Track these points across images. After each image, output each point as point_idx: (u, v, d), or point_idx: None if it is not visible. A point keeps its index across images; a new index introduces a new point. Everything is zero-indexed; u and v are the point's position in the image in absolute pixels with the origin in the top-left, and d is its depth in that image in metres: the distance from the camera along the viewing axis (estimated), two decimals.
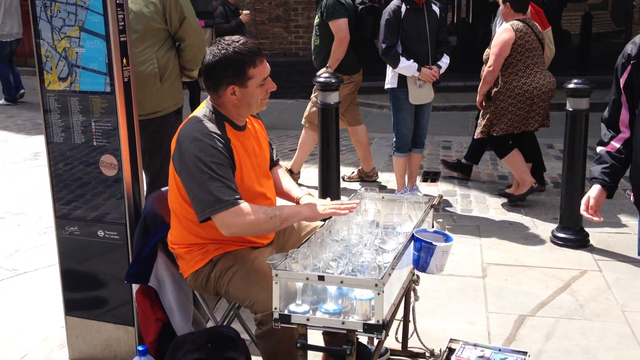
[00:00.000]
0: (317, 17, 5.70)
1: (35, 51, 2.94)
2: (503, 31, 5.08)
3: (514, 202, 5.39)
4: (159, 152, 3.69)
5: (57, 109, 2.97)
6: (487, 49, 5.25)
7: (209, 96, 2.69)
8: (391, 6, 5.09)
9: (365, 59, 5.81)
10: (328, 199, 2.81)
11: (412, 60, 5.02)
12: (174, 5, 3.56)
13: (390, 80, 5.23)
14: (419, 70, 5.03)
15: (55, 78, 2.93)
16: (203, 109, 2.68)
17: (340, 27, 5.46)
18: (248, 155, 2.70)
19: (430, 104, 5.31)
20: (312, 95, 5.79)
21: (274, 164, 2.99)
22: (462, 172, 6.16)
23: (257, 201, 2.67)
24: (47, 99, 2.98)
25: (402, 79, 5.13)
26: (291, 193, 2.92)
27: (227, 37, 2.61)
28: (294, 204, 2.75)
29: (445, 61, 5.20)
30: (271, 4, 10.36)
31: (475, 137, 5.56)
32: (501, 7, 5.29)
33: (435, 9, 5.19)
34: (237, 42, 2.57)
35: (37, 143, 7.65)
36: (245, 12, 8.13)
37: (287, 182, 2.98)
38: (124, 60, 2.87)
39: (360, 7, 5.59)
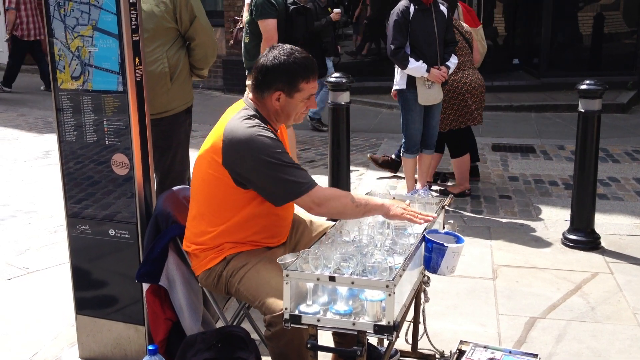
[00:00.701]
0: (247, 14, 5.70)
1: (48, 50, 2.96)
2: None
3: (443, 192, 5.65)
4: (169, 151, 3.70)
5: (69, 107, 2.99)
6: None
7: (247, 96, 2.75)
8: (399, 7, 5.07)
9: None
10: (407, 202, 2.85)
11: (421, 61, 5.01)
12: (184, 4, 3.57)
13: (398, 81, 5.21)
14: (428, 71, 5.02)
15: (68, 77, 2.94)
16: (244, 111, 2.67)
17: (267, 27, 5.37)
18: None
19: (440, 104, 5.29)
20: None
21: None
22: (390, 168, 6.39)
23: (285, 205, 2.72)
24: (59, 97, 2.99)
25: (411, 80, 5.11)
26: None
27: (287, 46, 2.67)
28: (374, 198, 2.75)
29: (453, 61, 5.18)
30: None
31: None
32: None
33: (443, 9, 5.17)
34: (299, 53, 2.64)
35: (48, 141, 7.69)
36: (336, 10, 7.60)
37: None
38: (137, 60, 2.87)
39: (292, 7, 5.52)
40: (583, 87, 4.48)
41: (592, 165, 4.55)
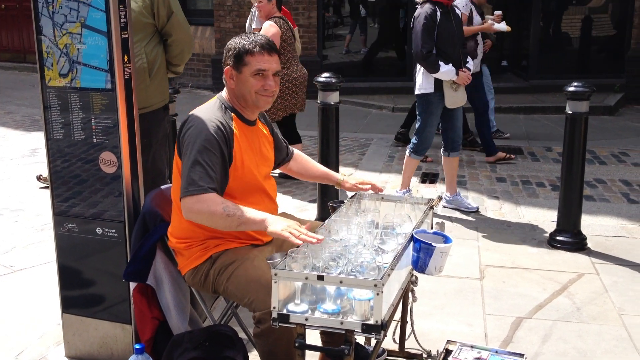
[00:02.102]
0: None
1: (36, 47, 2.94)
2: (270, 26, 5.75)
3: None
4: (149, 148, 3.67)
5: (57, 105, 2.97)
6: None
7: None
8: (427, 10, 5.00)
9: None
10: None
11: (450, 65, 4.98)
12: (161, 0, 3.57)
13: (424, 85, 5.13)
14: (457, 74, 5.01)
15: (56, 74, 2.93)
16: (216, 97, 2.78)
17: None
18: (253, 151, 2.72)
19: (462, 106, 5.27)
20: None
21: (290, 154, 3.14)
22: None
23: (256, 196, 2.72)
24: (47, 95, 2.98)
25: (437, 84, 5.06)
26: (330, 176, 3.12)
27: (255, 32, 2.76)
28: (259, 211, 2.58)
29: (471, 63, 5.20)
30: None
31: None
32: (263, 3, 5.92)
33: (458, 11, 5.19)
34: (249, 33, 2.76)
35: (35, 139, 7.64)
36: (497, 12, 7.05)
37: (319, 165, 3.20)
38: (125, 57, 2.86)
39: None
40: (571, 89, 4.50)
41: (579, 166, 4.58)
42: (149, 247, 2.83)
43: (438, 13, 4.99)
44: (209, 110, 2.68)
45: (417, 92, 5.22)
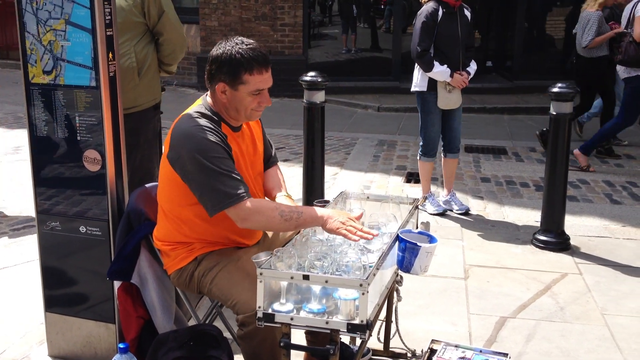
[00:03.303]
0: None
1: (20, 44, 2.91)
2: None
3: None
4: (137, 148, 3.65)
5: (40, 102, 2.94)
6: None
7: (206, 94, 2.70)
8: (428, 8, 5.02)
9: None
10: (352, 211, 2.73)
11: (445, 66, 4.98)
12: None
13: (419, 83, 5.15)
14: (451, 75, 5.00)
15: (40, 71, 2.90)
16: (197, 106, 2.65)
17: None
18: (242, 155, 2.69)
19: (461, 107, 5.24)
20: None
21: (271, 162, 2.98)
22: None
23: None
24: (31, 92, 2.95)
25: (432, 83, 5.07)
26: (272, 192, 2.88)
27: (239, 37, 2.59)
28: (315, 208, 2.57)
29: (473, 67, 5.17)
30: (257, 2, 10.34)
31: None
32: None
33: (467, 13, 5.15)
34: (245, 44, 2.55)
35: (19, 137, 7.57)
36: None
37: (274, 179, 2.93)
38: (110, 55, 2.84)
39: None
40: (555, 90, 4.53)
41: (563, 167, 4.61)
42: (133, 246, 2.81)
43: (440, 12, 4.99)
44: (199, 120, 2.55)
45: (412, 89, 5.24)
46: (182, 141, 2.51)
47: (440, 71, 4.98)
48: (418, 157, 5.39)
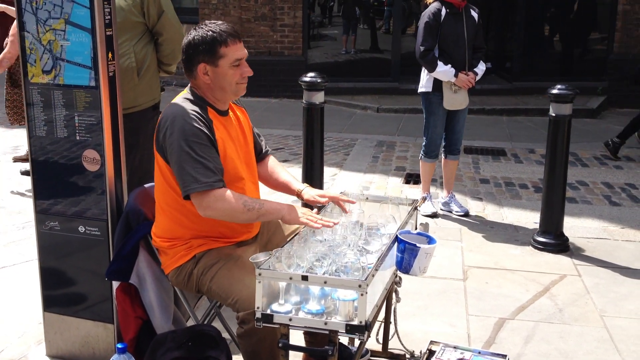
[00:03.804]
0: None
1: (19, 43, 2.90)
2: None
3: None
4: (137, 148, 3.65)
5: (40, 102, 2.94)
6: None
7: (189, 84, 2.74)
8: (431, 9, 5.02)
9: None
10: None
11: (449, 66, 4.97)
12: None
13: (424, 84, 5.15)
14: (455, 75, 4.99)
15: (39, 71, 2.90)
16: (183, 94, 2.71)
17: None
18: (232, 140, 2.71)
19: (466, 109, 5.24)
20: None
21: (264, 154, 3.02)
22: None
23: (240, 185, 2.69)
24: (30, 92, 2.95)
25: (437, 84, 5.06)
26: (291, 185, 2.94)
27: (204, 22, 2.66)
28: (275, 201, 2.70)
29: (481, 67, 5.15)
30: (257, 2, 10.33)
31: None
32: None
33: (474, 14, 5.13)
34: (214, 23, 2.65)
35: (18, 136, 7.55)
36: None
37: (284, 174, 3.00)
38: (110, 55, 2.84)
39: None
40: (554, 91, 4.54)
41: (562, 169, 4.61)
42: (131, 246, 2.81)
43: (443, 12, 4.98)
44: (184, 105, 2.62)
45: (418, 90, 5.23)
46: (166, 124, 2.58)
47: (444, 71, 4.98)
48: (420, 158, 5.39)
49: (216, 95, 2.67)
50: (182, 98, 2.68)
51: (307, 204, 2.85)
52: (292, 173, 3.06)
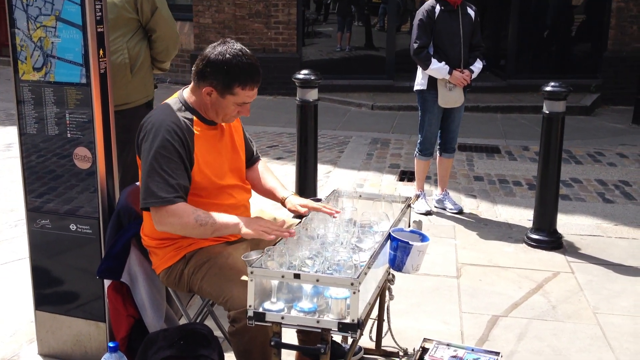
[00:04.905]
0: None
1: (9, 40, 2.88)
2: None
3: None
4: (129, 145, 3.63)
5: (30, 99, 2.92)
6: None
7: (184, 88, 2.71)
8: (425, 6, 5.01)
9: None
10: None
11: (443, 63, 4.96)
12: None
13: (420, 81, 5.14)
14: (450, 73, 4.97)
15: (30, 68, 2.88)
16: (175, 98, 2.68)
17: None
18: (217, 151, 2.68)
19: (462, 107, 5.23)
20: None
21: (254, 159, 2.99)
22: None
23: (225, 196, 2.68)
24: (20, 89, 2.93)
25: (432, 81, 5.05)
26: (276, 192, 2.91)
27: (238, 45, 2.58)
28: (234, 215, 2.60)
29: (478, 65, 5.13)
30: (251, 0, 10.31)
31: None
32: None
33: (471, 12, 5.11)
34: (245, 57, 2.55)
35: (10, 134, 7.52)
36: None
37: (271, 180, 2.97)
38: (101, 52, 2.82)
39: None
40: (548, 89, 4.54)
41: (556, 166, 4.61)
42: (123, 244, 2.79)
43: (437, 9, 4.97)
44: (166, 113, 2.59)
45: (414, 87, 5.23)
46: (147, 128, 2.58)
47: (438, 68, 4.97)
48: (414, 155, 5.38)
49: (208, 113, 2.65)
50: (173, 102, 2.65)
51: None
52: (280, 177, 3.03)
